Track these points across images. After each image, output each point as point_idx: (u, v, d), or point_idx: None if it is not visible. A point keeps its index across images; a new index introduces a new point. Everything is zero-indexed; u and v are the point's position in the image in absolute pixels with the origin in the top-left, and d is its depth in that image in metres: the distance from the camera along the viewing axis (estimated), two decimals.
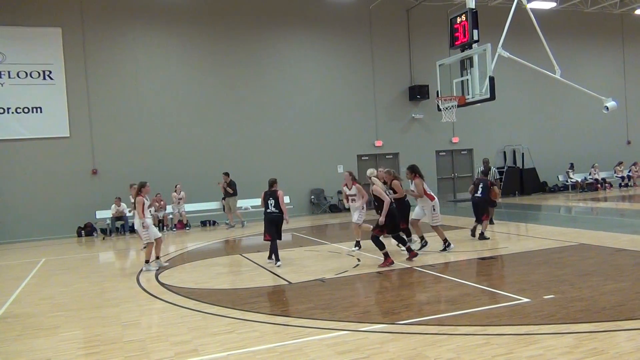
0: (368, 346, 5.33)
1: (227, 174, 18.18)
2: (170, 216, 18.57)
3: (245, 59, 20.65)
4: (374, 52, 22.58)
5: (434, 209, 10.77)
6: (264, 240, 10.56)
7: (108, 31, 19.08)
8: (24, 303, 8.41)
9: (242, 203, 19.12)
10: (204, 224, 19.19)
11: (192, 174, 19.07)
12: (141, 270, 10.42)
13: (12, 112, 18.07)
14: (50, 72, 18.45)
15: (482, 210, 12.12)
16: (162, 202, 18.46)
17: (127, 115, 19.20)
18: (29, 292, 9.24)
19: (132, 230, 18.14)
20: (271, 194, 10.61)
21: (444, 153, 24.11)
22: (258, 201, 19.57)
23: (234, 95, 20.51)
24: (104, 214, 18.24)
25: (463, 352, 5.02)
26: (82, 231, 18.27)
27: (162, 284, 9.07)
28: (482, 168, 14.68)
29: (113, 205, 17.86)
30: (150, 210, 11.04)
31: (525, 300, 6.69)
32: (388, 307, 6.80)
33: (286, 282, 8.65)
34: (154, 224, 15.03)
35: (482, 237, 11.93)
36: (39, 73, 18.36)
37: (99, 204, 18.28)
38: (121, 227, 18.03)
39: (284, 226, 10.63)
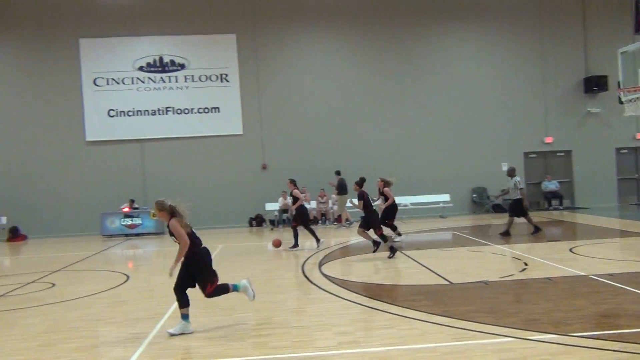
0: (536, 356, 5.02)
1: (338, 172, 18.33)
2: (332, 210, 19.24)
3: (406, 54, 20.60)
4: (543, 40, 21.01)
5: None
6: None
7: (277, 35, 20.30)
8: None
9: (400, 200, 19.17)
10: None
11: (354, 168, 19.47)
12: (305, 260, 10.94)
13: (195, 112, 20.11)
14: (226, 75, 20.17)
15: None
16: (306, 195, 19.30)
17: (294, 113, 20.27)
18: None
19: None
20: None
21: (626, 151, 21.67)
22: (417, 198, 19.68)
23: (394, 90, 20.58)
24: (272, 206, 19.48)
25: None
26: (253, 221, 19.72)
27: (325, 275, 9.43)
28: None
29: (280, 199, 19.00)
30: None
31: None
32: (559, 316, 6.32)
33: (447, 282, 8.48)
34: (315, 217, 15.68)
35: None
36: (217, 76, 20.17)
37: (268, 196, 19.57)
38: (287, 219, 19.08)
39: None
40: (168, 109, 20.02)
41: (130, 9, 19.69)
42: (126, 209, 18.70)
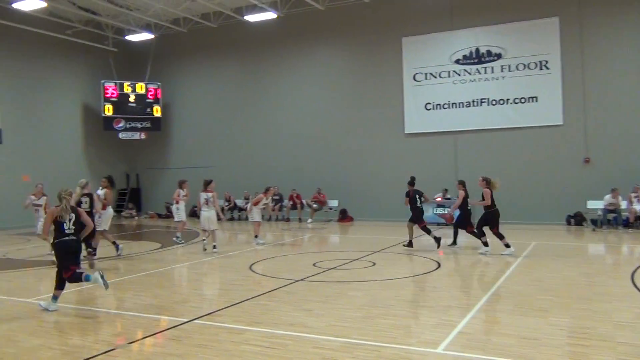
0: None
1: None
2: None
3: None
4: None
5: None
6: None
7: (606, 14, 18.07)
8: (515, 281, 9.00)
9: None
10: None
11: None
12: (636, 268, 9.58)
13: (510, 103, 19.45)
14: (546, 62, 18.88)
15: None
16: None
17: (624, 102, 17.79)
18: (521, 271, 9.83)
19: (626, 224, 16.80)
20: (416, 191, 12.83)
21: None
22: None
23: None
24: (595, 204, 17.52)
25: None
26: (572, 220, 18.12)
27: None
28: None
29: (607, 196, 16.92)
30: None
31: None
32: None
33: None
34: None
35: None
36: (535, 64, 19.06)
37: (590, 193, 17.71)
38: (613, 219, 16.94)
39: None
40: (483, 101, 19.87)
41: (448, 4, 20.18)
42: (439, 199, 19.34)
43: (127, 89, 24.86)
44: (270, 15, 21.68)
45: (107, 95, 24.57)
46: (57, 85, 23.83)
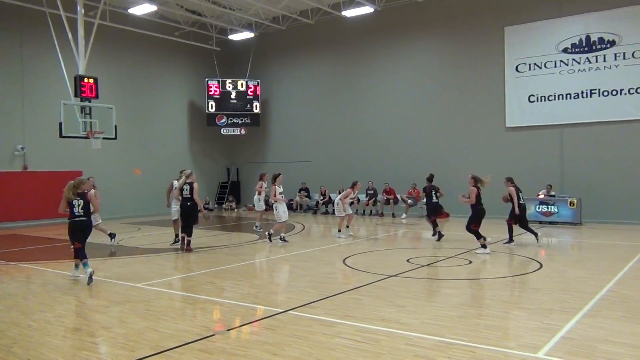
0: None
1: None
2: None
3: None
4: None
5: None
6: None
7: None
8: (628, 285, 8.34)
9: None
10: None
11: None
12: None
13: (625, 94, 18.00)
14: None
15: None
16: None
17: None
18: (635, 275, 9.10)
19: None
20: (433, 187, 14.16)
21: None
22: None
23: None
24: None
25: None
26: None
27: None
28: None
29: None
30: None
31: None
32: None
33: None
34: None
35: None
36: None
37: None
38: None
39: None
40: (593, 92, 18.54)
41: None
42: (542, 195, 18.36)
43: (228, 86, 25.92)
44: (368, 9, 21.62)
45: (210, 93, 25.77)
46: (165, 84, 25.32)
